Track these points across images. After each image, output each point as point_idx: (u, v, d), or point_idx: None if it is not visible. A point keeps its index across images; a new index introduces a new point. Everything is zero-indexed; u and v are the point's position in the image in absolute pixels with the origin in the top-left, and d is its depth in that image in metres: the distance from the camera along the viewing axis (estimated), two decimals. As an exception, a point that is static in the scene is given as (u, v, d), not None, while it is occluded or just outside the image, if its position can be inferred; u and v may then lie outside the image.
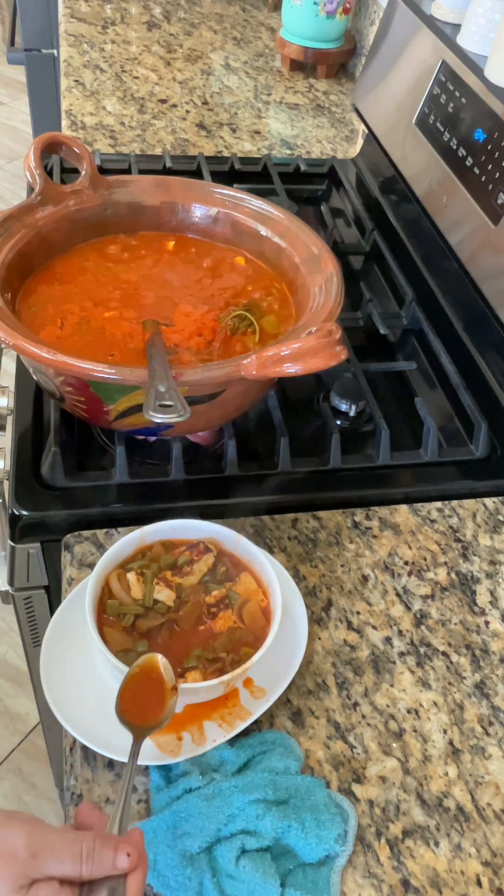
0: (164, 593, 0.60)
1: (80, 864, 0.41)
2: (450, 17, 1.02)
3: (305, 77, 1.50)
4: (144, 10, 1.64)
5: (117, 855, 0.42)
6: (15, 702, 1.57)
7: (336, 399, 0.82)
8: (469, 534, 0.74)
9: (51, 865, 0.41)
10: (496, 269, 0.84)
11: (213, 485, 0.74)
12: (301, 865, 0.52)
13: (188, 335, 0.75)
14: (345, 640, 0.65)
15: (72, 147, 0.82)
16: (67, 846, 0.41)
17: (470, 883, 0.53)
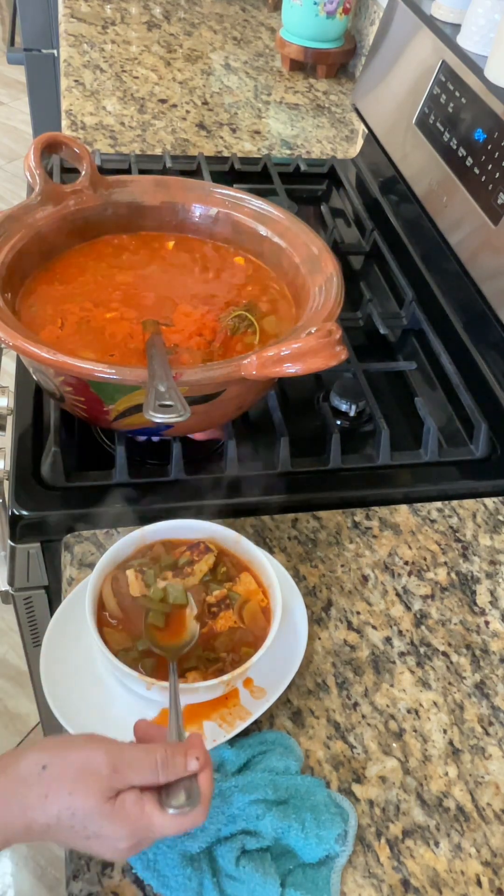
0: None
1: (157, 772, 0.45)
2: (450, 17, 1.02)
3: (305, 77, 1.50)
4: (144, 10, 1.64)
5: (188, 759, 0.46)
6: (15, 702, 1.57)
7: (336, 399, 0.82)
8: (469, 534, 0.74)
9: (131, 776, 0.45)
10: (496, 269, 0.84)
11: (212, 485, 0.74)
12: (301, 865, 0.52)
13: (188, 335, 0.75)
14: (345, 640, 0.65)
15: (72, 147, 0.82)
16: (143, 758, 0.46)
17: (470, 883, 0.53)
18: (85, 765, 0.45)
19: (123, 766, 0.45)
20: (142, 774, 0.45)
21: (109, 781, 0.45)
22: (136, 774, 0.45)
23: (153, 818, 0.45)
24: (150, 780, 0.45)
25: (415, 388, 0.88)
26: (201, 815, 0.46)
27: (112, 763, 0.45)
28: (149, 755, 0.46)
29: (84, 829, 0.44)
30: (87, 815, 0.44)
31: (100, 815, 0.44)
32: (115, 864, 0.51)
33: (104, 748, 0.46)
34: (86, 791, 0.44)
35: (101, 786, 0.44)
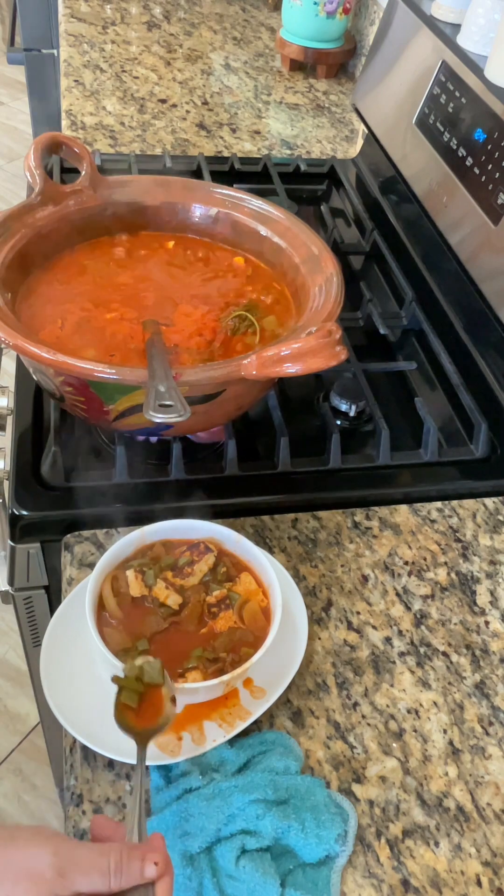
0: (172, 598, 0.60)
1: (108, 878, 0.41)
2: (450, 17, 1.02)
3: (305, 77, 1.50)
4: (144, 10, 1.64)
5: (145, 865, 0.42)
6: (15, 702, 1.57)
7: (336, 399, 0.82)
8: (469, 534, 0.74)
9: (78, 881, 0.40)
10: (496, 269, 0.84)
11: (213, 485, 0.74)
12: (301, 865, 0.52)
13: (188, 335, 0.75)
14: (345, 640, 0.65)
15: (72, 147, 0.82)
16: (94, 861, 0.41)
17: (470, 883, 0.53)
18: (26, 866, 0.40)
19: (71, 868, 0.41)
20: (90, 879, 0.41)
21: (52, 886, 0.40)
22: (85, 879, 0.41)
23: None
24: (100, 887, 0.41)
25: (415, 388, 0.88)
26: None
27: (58, 865, 0.40)
28: (101, 857, 0.41)
29: None
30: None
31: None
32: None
33: (51, 847, 0.41)
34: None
35: (43, 891, 0.40)
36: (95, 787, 0.54)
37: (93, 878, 0.41)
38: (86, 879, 0.41)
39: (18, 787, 1.47)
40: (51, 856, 0.41)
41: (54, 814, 1.44)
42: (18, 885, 0.40)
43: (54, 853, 0.41)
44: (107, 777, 0.55)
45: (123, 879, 0.41)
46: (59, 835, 0.42)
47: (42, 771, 1.48)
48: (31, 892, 0.40)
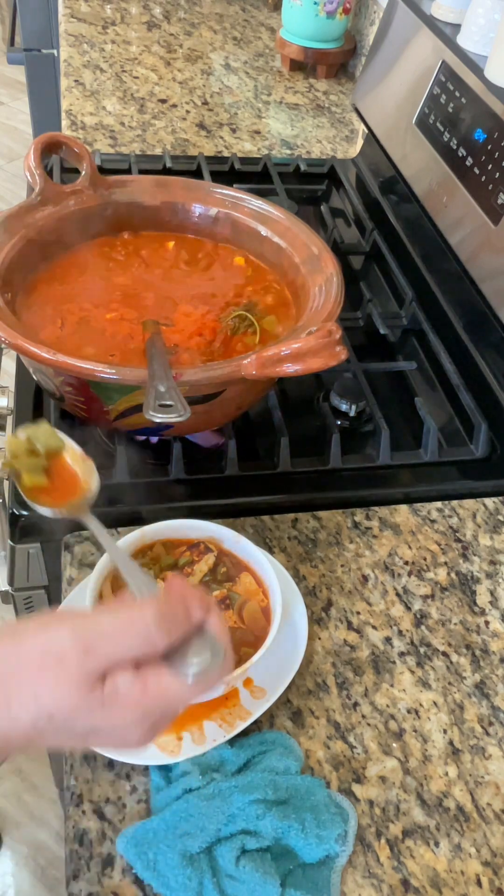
0: None
1: (150, 636, 0.35)
2: (450, 17, 1.02)
3: (305, 77, 1.50)
4: (144, 10, 1.64)
5: (190, 606, 0.36)
6: (15, 702, 1.57)
7: (336, 399, 0.82)
8: (469, 534, 0.74)
9: (112, 650, 0.35)
10: (496, 269, 0.84)
11: (213, 485, 0.74)
12: (301, 865, 0.52)
13: (188, 335, 0.75)
14: (345, 640, 0.65)
15: (72, 147, 0.82)
16: (125, 624, 0.36)
17: (470, 883, 0.53)
18: (45, 653, 0.35)
19: (98, 640, 0.35)
20: (127, 644, 0.35)
21: (83, 666, 0.35)
22: (119, 646, 0.35)
23: (167, 691, 0.35)
24: (141, 649, 0.35)
25: (415, 388, 0.88)
26: (229, 664, 0.37)
27: (81, 641, 0.35)
28: (133, 618, 0.36)
29: (72, 731, 0.35)
30: (69, 716, 0.34)
31: (87, 711, 0.34)
32: (114, 864, 0.51)
33: (67, 625, 0.36)
34: (55, 687, 0.34)
35: (72, 675, 0.34)
36: (95, 787, 0.54)
37: (129, 642, 0.35)
38: (120, 645, 0.35)
39: (18, 787, 1.47)
40: (69, 633, 0.35)
41: (54, 814, 1.44)
42: (43, 673, 0.34)
43: (72, 630, 0.35)
44: (107, 777, 0.55)
45: (171, 631, 0.35)
46: (75, 613, 0.37)
47: (42, 771, 1.48)
48: (60, 680, 0.34)
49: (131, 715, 0.35)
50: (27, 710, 0.34)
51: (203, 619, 0.37)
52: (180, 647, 0.36)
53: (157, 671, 0.35)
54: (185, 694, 0.36)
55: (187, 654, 0.35)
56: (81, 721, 0.35)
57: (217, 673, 0.36)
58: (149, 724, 0.36)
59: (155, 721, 0.36)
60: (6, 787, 1.46)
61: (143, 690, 0.35)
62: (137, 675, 0.35)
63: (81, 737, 0.36)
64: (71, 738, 0.36)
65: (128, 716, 0.35)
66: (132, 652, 0.35)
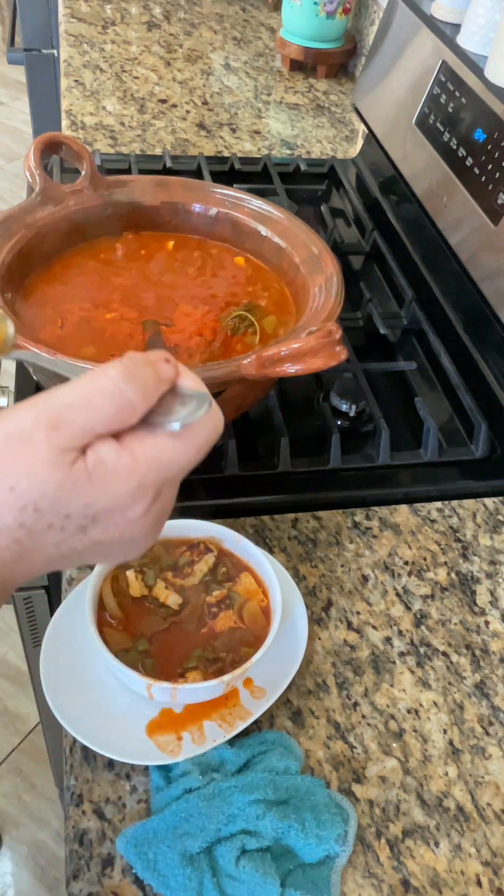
0: (172, 598, 0.60)
1: (121, 397, 0.31)
2: (450, 17, 1.02)
3: (305, 77, 1.50)
4: (144, 10, 1.64)
5: (156, 364, 0.32)
6: (15, 702, 1.57)
7: (336, 399, 0.82)
8: (469, 534, 0.74)
9: (81, 419, 0.31)
10: (496, 269, 0.84)
11: (213, 485, 0.74)
12: (301, 865, 0.52)
13: (188, 335, 0.75)
14: (345, 640, 0.65)
15: (72, 147, 0.82)
16: (91, 390, 0.32)
17: (470, 883, 0.53)
18: (8, 440, 0.31)
19: (64, 412, 0.31)
20: (98, 409, 0.32)
21: (54, 441, 0.31)
22: (89, 413, 0.31)
23: (159, 453, 0.32)
24: (116, 414, 0.32)
25: (415, 388, 0.88)
26: (217, 413, 0.33)
27: (45, 416, 0.31)
28: (97, 380, 0.32)
29: (69, 520, 0.31)
30: (55, 496, 0.31)
31: (73, 488, 0.31)
32: (114, 864, 0.51)
33: (27, 406, 0.32)
34: (29, 469, 0.30)
35: (44, 454, 0.31)
36: (95, 787, 0.54)
37: (99, 407, 0.31)
38: (90, 413, 0.31)
39: (18, 787, 1.47)
40: (31, 412, 0.32)
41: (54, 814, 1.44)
42: (13, 461, 0.31)
43: (33, 407, 0.32)
44: (107, 777, 0.55)
45: (144, 389, 0.31)
46: (41, 394, 0.33)
47: (42, 771, 1.48)
48: (33, 460, 0.30)
49: (126, 486, 0.31)
50: (6, 507, 0.30)
51: (174, 377, 0.33)
52: (158, 413, 0.32)
53: (141, 436, 0.31)
54: (180, 453, 0.31)
55: (170, 413, 0.31)
56: (73, 501, 0.30)
57: (210, 422, 0.32)
58: (150, 496, 0.32)
59: (156, 492, 0.32)
60: (6, 787, 1.46)
61: (131, 457, 0.31)
62: (122, 445, 0.31)
63: (80, 527, 0.31)
64: (67, 531, 0.31)
65: (123, 488, 0.31)
66: (106, 419, 0.32)
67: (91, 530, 0.31)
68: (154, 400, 0.32)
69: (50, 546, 0.31)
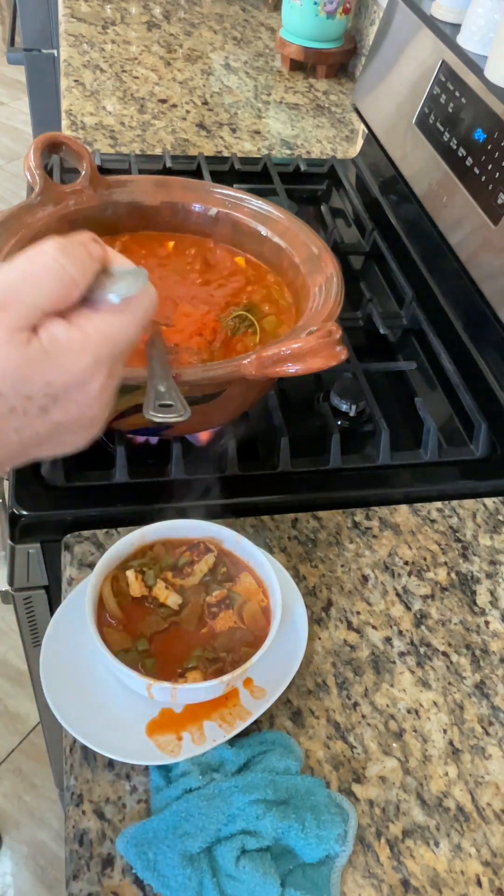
0: (172, 598, 0.60)
1: (63, 270, 0.32)
2: (450, 17, 1.02)
3: (305, 77, 1.50)
4: (144, 10, 1.64)
5: (86, 244, 0.33)
6: (15, 702, 1.57)
7: (336, 399, 0.82)
8: (469, 534, 0.74)
9: (30, 298, 0.32)
10: (496, 269, 0.84)
11: (212, 485, 0.74)
12: (301, 865, 0.52)
13: (188, 335, 0.75)
14: (345, 640, 0.65)
15: (72, 147, 0.82)
16: (31, 268, 0.33)
17: (470, 883, 0.53)
18: None
19: (9, 293, 0.32)
20: (42, 286, 0.33)
21: (4, 322, 0.32)
22: (34, 290, 0.33)
23: (108, 326, 0.33)
24: (58, 291, 0.33)
25: (415, 388, 0.88)
26: (151, 287, 0.34)
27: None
28: (35, 259, 0.33)
29: (31, 402, 0.31)
30: (15, 376, 0.31)
31: (32, 365, 0.31)
32: (114, 864, 0.51)
33: None
34: None
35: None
36: (95, 787, 0.54)
37: (43, 284, 0.32)
38: (35, 290, 0.32)
39: (18, 787, 1.47)
40: None
41: (54, 814, 1.44)
42: None
43: None
44: (107, 777, 0.55)
45: (81, 265, 0.33)
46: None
47: (42, 771, 1.48)
48: None
49: (83, 361, 0.32)
50: None
51: (104, 255, 0.34)
52: (95, 289, 0.33)
53: (86, 314, 0.33)
54: (125, 321, 0.33)
55: (105, 289, 0.33)
56: (33, 381, 0.31)
57: (147, 296, 0.33)
58: (105, 371, 0.33)
59: (110, 366, 0.33)
60: (6, 787, 1.47)
61: (82, 333, 0.32)
62: (70, 322, 0.33)
63: (41, 408, 0.32)
64: (30, 414, 0.31)
65: (80, 363, 0.32)
66: (51, 295, 0.33)
67: (52, 410, 0.32)
68: (91, 276, 0.33)
69: (11, 433, 0.31)
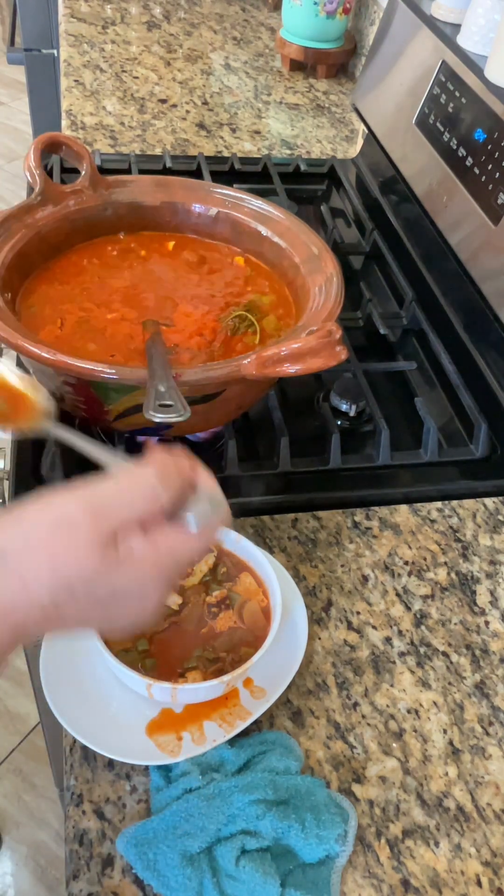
0: (171, 598, 0.60)
1: (155, 493, 0.37)
2: (450, 17, 1.02)
3: (305, 77, 1.50)
4: (144, 10, 1.64)
5: (178, 464, 0.38)
6: (15, 702, 1.57)
7: (336, 399, 0.82)
8: (469, 534, 0.74)
9: (120, 511, 0.37)
10: (496, 269, 0.84)
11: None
12: (301, 865, 0.52)
13: (188, 335, 0.75)
14: (345, 640, 0.65)
15: (72, 147, 0.82)
16: (130, 486, 0.37)
17: (470, 883, 0.53)
18: (55, 524, 0.36)
19: (105, 504, 0.37)
20: (134, 504, 0.37)
21: (96, 528, 0.36)
22: (127, 507, 0.37)
23: (176, 544, 0.37)
24: (147, 508, 0.37)
25: (415, 388, 0.88)
26: (227, 512, 0.39)
27: (90, 506, 0.36)
28: (136, 478, 0.38)
29: (93, 599, 0.35)
30: (89, 578, 0.35)
31: (105, 571, 0.35)
32: (114, 864, 0.51)
33: (72, 496, 0.37)
34: (72, 552, 0.35)
35: (87, 537, 0.35)
36: (95, 787, 0.55)
37: (135, 502, 0.37)
38: (128, 506, 0.37)
39: (18, 787, 1.47)
40: (76, 501, 0.37)
41: (54, 814, 1.44)
42: (57, 542, 0.35)
43: (79, 497, 0.37)
44: (107, 777, 0.55)
45: (171, 486, 0.37)
46: (72, 487, 0.38)
47: (42, 771, 1.48)
48: (76, 543, 0.35)
49: (149, 571, 0.36)
50: (44, 583, 0.34)
51: (193, 476, 0.39)
52: (179, 506, 0.38)
53: (164, 529, 0.37)
54: (193, 545, 0.37)
55: (187, 509, 0.38)
56: (102, 584, 0.35)
57: (218, 521, 0.39)
58: (165, 580, 0.37)
59: (169, 575, 0.37)
60: (6, 787, 1.47)
61: (154, 549, 0.36)
62: (147, 535, 0.36)
63: (102, 608, 0.36)
64: (92, 611, 0.36)
65: (145, 572, 0.36)
66: (139, 512, 0.37)
67: (111, 606, 0.36)
68: (177, 495, 0.38)
69: (70, 619, 0.36)
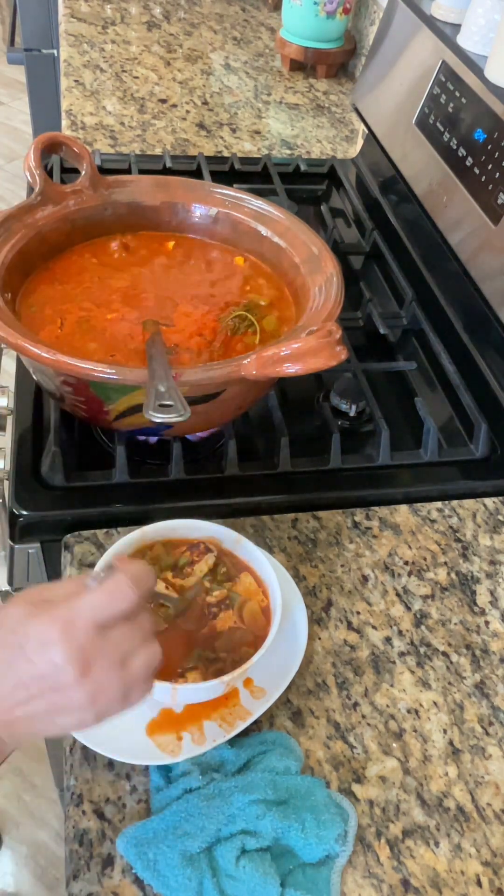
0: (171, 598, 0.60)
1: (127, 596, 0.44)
2: (450, 17, 1.02)
3: (305, 77, 1.50)
4: (144, 10, 1.64)
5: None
6: (15, 702, 1.56)
7: (336, 399, 0.82)
8: (469, 534, 0.74)
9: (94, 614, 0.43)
10: (496, 269, 0.84)
11: (213, 485, 0.74)
12: (301, 865, 0.52)
13: (188, 335, 0.75)
14: (345, 640, 0.65)
15: (72, 147, 0.82)
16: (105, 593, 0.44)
17: (470, 883, 0.53)
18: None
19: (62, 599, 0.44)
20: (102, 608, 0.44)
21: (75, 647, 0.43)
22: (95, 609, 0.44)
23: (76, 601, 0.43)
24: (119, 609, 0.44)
25: (415, 388, 0.88)
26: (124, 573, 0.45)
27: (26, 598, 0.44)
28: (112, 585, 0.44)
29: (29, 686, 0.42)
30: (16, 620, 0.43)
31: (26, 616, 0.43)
32: (114, 864, 0.51)
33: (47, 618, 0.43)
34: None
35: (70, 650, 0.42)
36: (95, 787, 0.55)
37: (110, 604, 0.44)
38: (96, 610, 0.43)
39: (18, 787, 1.47)
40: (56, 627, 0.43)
41: (54, 814, 1.44)
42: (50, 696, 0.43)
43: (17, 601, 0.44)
44: (107, 777, 0.55)
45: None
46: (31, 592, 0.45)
47: (42, 771, 1.48)
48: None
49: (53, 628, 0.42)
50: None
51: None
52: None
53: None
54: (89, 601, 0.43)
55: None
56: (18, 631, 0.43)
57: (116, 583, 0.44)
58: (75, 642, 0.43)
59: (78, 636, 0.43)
60: (6, 787, 1.46)
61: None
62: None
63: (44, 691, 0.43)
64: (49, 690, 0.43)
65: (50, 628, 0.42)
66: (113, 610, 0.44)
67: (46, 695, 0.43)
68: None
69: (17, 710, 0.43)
